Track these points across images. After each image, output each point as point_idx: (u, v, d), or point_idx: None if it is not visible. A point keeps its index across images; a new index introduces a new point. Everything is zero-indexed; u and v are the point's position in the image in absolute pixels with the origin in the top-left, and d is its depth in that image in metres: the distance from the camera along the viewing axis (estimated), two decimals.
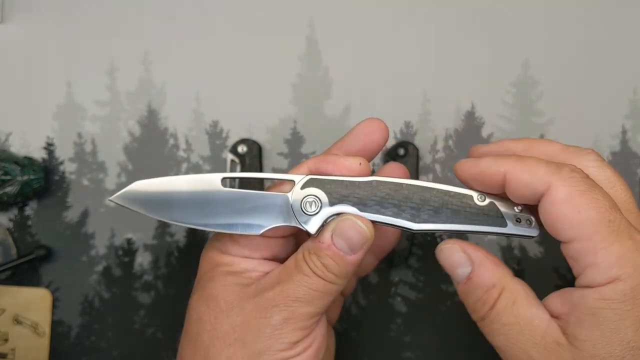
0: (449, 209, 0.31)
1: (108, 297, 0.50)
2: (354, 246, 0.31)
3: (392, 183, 0.31)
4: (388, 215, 0.31)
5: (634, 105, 0.50)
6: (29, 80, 0.51)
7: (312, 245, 0.32)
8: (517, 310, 0.29)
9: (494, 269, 0.30)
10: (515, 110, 0.50)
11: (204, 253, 0.35)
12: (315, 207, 0.31)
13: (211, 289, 0.33)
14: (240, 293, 0.32)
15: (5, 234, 0.50)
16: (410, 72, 0.51)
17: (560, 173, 0.28)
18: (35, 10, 0.51)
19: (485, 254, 0.31)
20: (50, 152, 0.50)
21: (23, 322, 0.49)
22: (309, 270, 0.31)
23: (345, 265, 0.31)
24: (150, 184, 0.33)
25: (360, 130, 0.35)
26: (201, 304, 0.33)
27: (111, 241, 0.50)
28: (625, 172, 0.50)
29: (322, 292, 0.31)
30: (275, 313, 0.31)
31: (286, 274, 0.32)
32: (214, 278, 0.33)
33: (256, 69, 0.51)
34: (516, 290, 0.30)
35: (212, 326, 0.31)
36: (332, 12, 0.51)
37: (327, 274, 0.31)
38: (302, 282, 0.31)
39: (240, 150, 0.50)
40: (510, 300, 0.29)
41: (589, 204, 0.27)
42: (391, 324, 0.49)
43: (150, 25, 0.51)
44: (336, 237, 0.31)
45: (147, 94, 0.51)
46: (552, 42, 0.51)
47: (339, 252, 0.31)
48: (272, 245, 0.34)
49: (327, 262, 0.31)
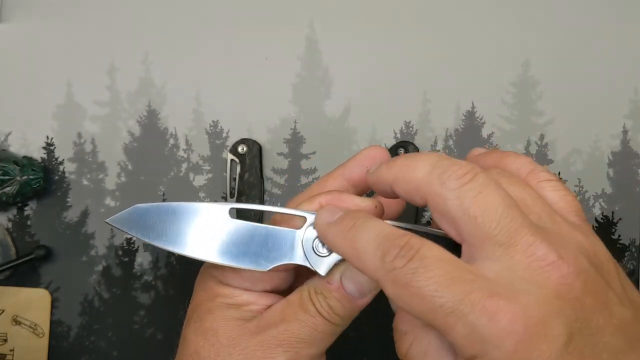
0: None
1: (108, 297, 0.50)
2: (363, 291, 0.30)
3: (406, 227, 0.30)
4: None
5: (635, 105, 0.50)
6: (29, 80, 0.51)
7: (320, 285, 0.31)
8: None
9: (407, 316, 0.29)
10: (515, 110, 0.50)
11: (201, 281, 0.34)
12: (327, 248, 0.30)
13: (211, 322, 0.31)
14: (242, 329, 0.31)
15: (5, 234, 0.50)
16: (410, 72, 0.51)
17: (384, 265, 0.26)
18: (35, 10, 0.51)
19: None
20: (49, 152, 0.50)
21: (22, 322, 0.49)
22: (315, 311, 0.30)
23: (352, 308, 0.31)
24: (151, 209, 0.31)
25: (364, 157, 0.34)
26: (199, 337, 0.31)
27: (111, 241, 0.50)
28: (625, 172, 0.50)
29: (325, 334, 0.31)
30: (280, 353, 0.30)
31: (290, 312, 0.31)
32: (213, 310, 0.32)
33: (256, 68, 0.51)
34: (426, 342, 0.28)
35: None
36: (332, 12, 0.51)
37: (333, 316, 0.30)
38: (307, 323, 0.30)
39: (240, 150, 0.50)
40: (421, 351, 0.28)
41: (414, 298, 0.25)
42: (391, 323, 0.49)
43: (150, 25, 0.51)
44: (346, 280, 0.30)
45: (147, 94, 0.51)
46: (552, 42, 0.51)
47: (347, 295, 0.30)
48: (274, 278, 0.32)
49: (333, 304, 0.30)
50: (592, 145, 0.50)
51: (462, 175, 0.26)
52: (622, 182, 0.50)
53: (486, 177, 0.26)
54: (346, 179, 0.34)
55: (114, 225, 0.32)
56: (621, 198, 0.50)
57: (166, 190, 0.50)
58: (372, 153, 0.33)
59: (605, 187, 0.50)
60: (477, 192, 0.26)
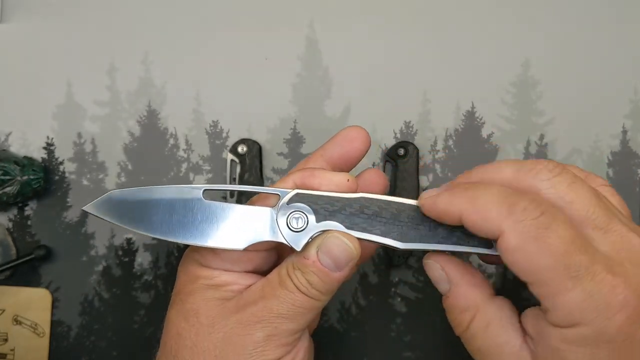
0: (435, 227, 0.31)
1: (108, 297, 0.50)
2: (339, 263, 0.31)
3: (380, 200, 0.31)
4: (375, 233, 0.31)
5: (634, 105, 0.50)
6: (29, 80, 0.51)
7: (297, 261, 0.31)
8: (490, 335, 0.29)
9: (468, 291, 0.30)
10: (515, 110, 0.50)
11: (182, 265, 0.34)
12: (301, 223, 0.31)
13: (191, 303, 0.32)
14: (222, 308, 0.31)
15: (5, 234, 0.50)
16: (410, 72, 0.51)
17: (512, 216, 0.27)
18: (35, 10, 0.51)
19: (463, 274, 0.31)
20: (50, 152, 0.50)
21: (23, 322, 0.49)
22: (293, 287, 0.31)
23: (330, 282, 0.31)
24: (126, 194, 0.31)
25: (343, 137, 0.35)
26: (180, 319, 0.32)
27: (111, 241, 0.50)
28: (625, 172, 0.50)
29: (305, 309, 0.31)
30: (258, 329, 0.30)
31: (269, 289, 0.31)
32: (194, 292, 0.32)
33: (256, 68, 0.51)
34: (490, 314, 0.29)
35: (192, 342, 0.31)
36: (332, 12, 0.51)
37: (311, 291, 0.31)
38: (285, 299, 0.30)
39: (240, 150, 0.50)
40: (483, 324, 0.29)
41: (543, 251, 0.26)
42: (391, 324, 0.49)
43: (150, 25, 0.51)
44: (322, 253, 0.31)
45: (147, 94, 0.51)
46: (552, 42, 0.51)
47: (324, 268, 0.31)
48: (254, 258, 0.33)
49: (311, 278, 0.31)
50: (592, 145, 0.50)
51: (552, 168, 0.29)
52: (621, 182, 0.50)
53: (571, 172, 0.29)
54: (326, 161, 0.34)
55: (90, 212, 0.31)
56: None
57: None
58: (351, 134, 0.34)
59: None
60: (570, 181, 0.28)
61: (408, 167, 0.49)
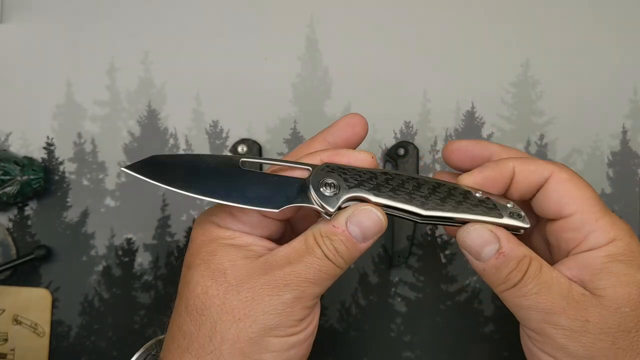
0: (453, 199, 0.33)
1: (108, 297, 0.50)
2: (367, 234, 0.32)
3: (405, 175, 0.34)
4: (400, 201, 0.33)
5: (634, 105, 0.50)
6: (29, 80, 0.51)
7: (325, 229, 0.33)
8: (545, 274, 0.32)
9: (519, 243, 0.33)
10: (515, 110, 0.50)
11: (199, 227, 0.35)
12: (333, 189, 0.32)
13: (217, 263, 0.33)
14: (249, 268, 0.33)
15: (5, 234, 0.50)
16: (410, 72, 0.51)
17: (557, 164, 0.35)
18: (35, 10, 0.51)
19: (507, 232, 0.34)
20: (50, 152, 0.50)
21: (23, 322, 0.49)
22: (321, 253, 0.32)
23: (355, 251, 0.33)
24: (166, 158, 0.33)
25: (346, 123, 0.37)
26: (206, 279, 0.33)
27: (111, 241, 0.50)
28: (625, 172, 0.50)
29: (329, 275, 0.32)
30: (287, 292, 0.32)
31: (296, 255, 0.32)
32: (217, 251, 0.33)
33: (256, 69, 0.51)
34: (539, 258, 0.33)
35: (220, 301, 0.32)
36: (332, 12, 0.51)
37: (338, 258, 0.32)
38: (313, 264, 0.32)
39: (240, 150, 0.50)
40: (537, 266, 0.33)
41: (586, 185, 0.34)
42: (391, 324, 0.49)
43: (150, 25, 0.51)
44: (351, 224, 0.32)
45: (147, 94, 0.51)
46: (552, 42, 0.51)
47: (352, 238, 0.32)
48: (270, 225, 0.35)
49: (339, 246, 0.32)
50: (592, 145, 0.50)
51: None
52: (621, 182, 0.50)
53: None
54: (330, 144, 0.36)
55: (131, 172, 0.33)
56: (621, 198, 0.50)
57: (166, 190, 0.50)
58: (353, 120, 0.37)
59: (605, 187, 0.50)
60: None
61: (408, 167, 0.49)
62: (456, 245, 0.49)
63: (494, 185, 0.34)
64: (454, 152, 0.37)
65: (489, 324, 0.49)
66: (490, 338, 0.48)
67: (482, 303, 0.49)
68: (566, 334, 0.32)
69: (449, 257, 0.49)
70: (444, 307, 0.49)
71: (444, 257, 0.49)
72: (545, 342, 0.32)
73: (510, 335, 0.48)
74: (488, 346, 0.48)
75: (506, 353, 0.48)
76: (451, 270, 0.49)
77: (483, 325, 0.49)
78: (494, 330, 0.48)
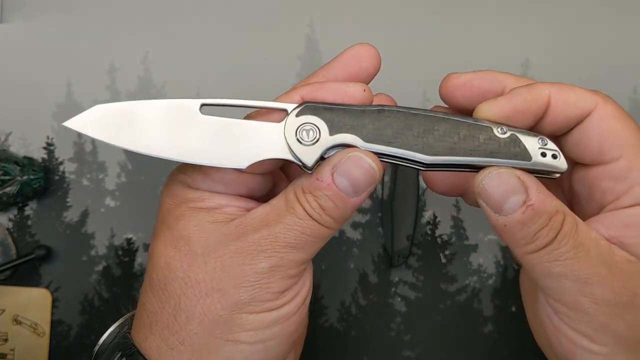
0: (467, 141, 0.27)
1: (108, 297, 0.50)
2: (358, 187, 0.27)
3: (403, 112, 0.28)
4: (396, 146, 0.27)
5: (635, 104, 0.50)
6: (29, 80, 0.51)
7: (308, 183, 0.27)
8: (582, 233, 0.26)
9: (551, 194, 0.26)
10: None
11: (166, 189, 0.30)
12: (312, 135, 0.27)
13: (181, 229, 0.28)
14: (218, 234, 0.27)
15: (5, 234, 0.50)
16: (410, 72, 0.51)
17: (601, 94, 0.27)
18: (35, 10, 0.51)
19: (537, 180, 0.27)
20: (50, 152, 0.50)
21: (23, 322, 0.49)
22: (303, 212, 0.27)
23: (345, 208, 0.27)
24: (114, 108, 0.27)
25: (349, 56, 0.31)
26: (169, 248, 0.28)
27: (111, 241, 0.50)
28: None
29: (315, 237, 0.27)
30: (262, 259, 0.27)
31: (274, 216, 0.27)
32: (183, 216, 0.28)
33: (256, 68, 0.51)
34: (573, 215, 0.27)
35: (184, 273, 0.27)
36: (332, 12, 0.51)
37: (324, 218, 0.27)
38: (293, 226, 0.27)
39: None
40: (573, 224, 0.26)
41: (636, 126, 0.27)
42: (391, 323, 0.49)
43: (150, 25, 0.51)
44: (338, 175, 0.27)
45: (147, 94, 0.51)
46: (552, 42, 0.51)
47: (340, 192, 0.27)
48: (249, 180, 0.29)
49: (324, 203, 0.27)
50: None
51: None
52: None
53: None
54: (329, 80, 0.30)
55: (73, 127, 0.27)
56: None
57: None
58: (359, 52, 0.31)
59: None
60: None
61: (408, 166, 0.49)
62: (456, 245, 0.49)
63: (523, 118, 0.27)
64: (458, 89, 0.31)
65: (489, 324, 0.49)
66: (490, 338, 0.48)
67: (481, 303, 0.49)
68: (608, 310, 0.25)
69: (449, 257, 0.49)
70: (443, 307, 0.49)
71: (444, 257, 0.49)
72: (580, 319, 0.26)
73: (511, 335, 0.48)
74: (488, 346, 0.48)
75: (506, 353, 0.48)
76: (451, 270, 0.49)
77: (483, 325, 0.49)
78: (493, 330, 0.49)
